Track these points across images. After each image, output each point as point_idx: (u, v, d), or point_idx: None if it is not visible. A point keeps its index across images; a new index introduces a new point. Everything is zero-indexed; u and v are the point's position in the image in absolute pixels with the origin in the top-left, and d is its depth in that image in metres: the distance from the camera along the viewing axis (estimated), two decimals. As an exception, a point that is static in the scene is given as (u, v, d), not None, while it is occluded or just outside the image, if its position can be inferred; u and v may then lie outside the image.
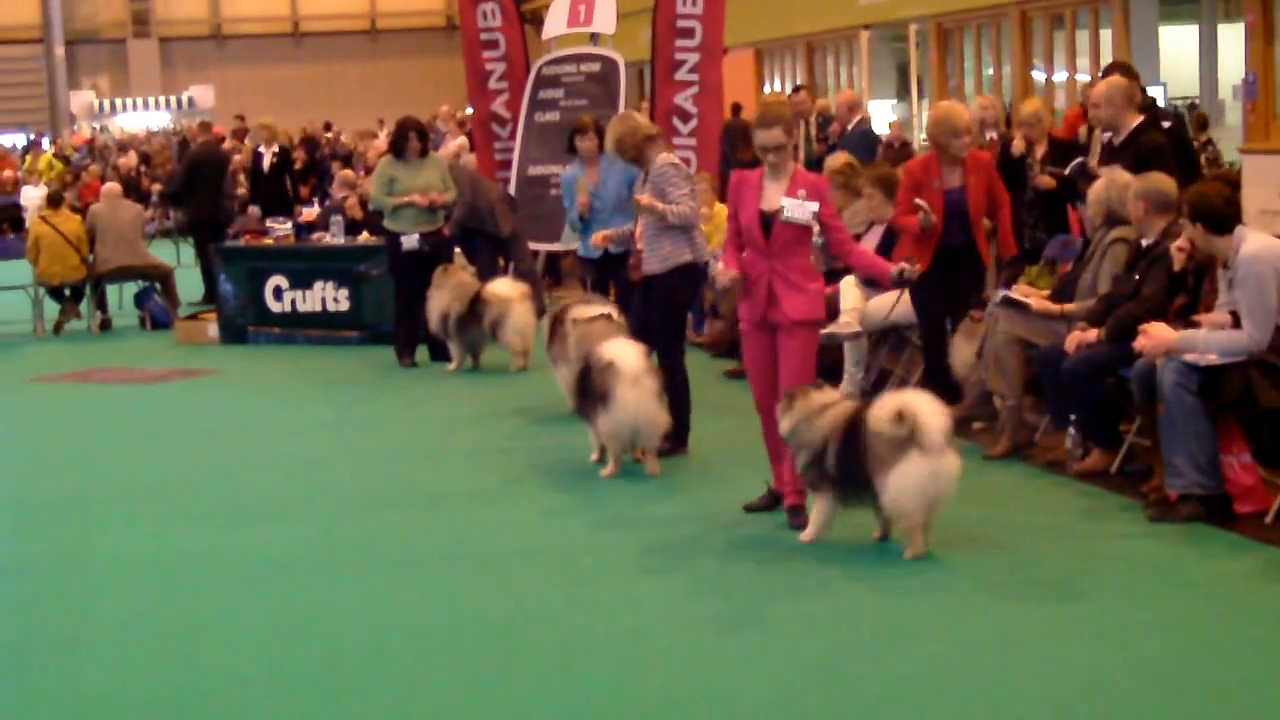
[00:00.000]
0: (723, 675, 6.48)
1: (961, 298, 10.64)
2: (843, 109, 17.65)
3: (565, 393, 10.91)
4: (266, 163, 21.07)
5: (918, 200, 10.48)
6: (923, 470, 7.74)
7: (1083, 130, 13.53)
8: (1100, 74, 14.25)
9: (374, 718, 6.21)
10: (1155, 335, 8.35)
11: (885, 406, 7.89)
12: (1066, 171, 12.00)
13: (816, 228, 8.62)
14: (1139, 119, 10.84)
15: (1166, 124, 11.47)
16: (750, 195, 8.71)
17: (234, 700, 6.45)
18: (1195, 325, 8.44)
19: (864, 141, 16.61)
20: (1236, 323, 8.20)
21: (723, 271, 8.76)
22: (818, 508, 8.30)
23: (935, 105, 11.48)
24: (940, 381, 10.34)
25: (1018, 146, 12.28)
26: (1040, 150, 12.74)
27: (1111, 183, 9.83)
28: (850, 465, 7.99)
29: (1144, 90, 13.29)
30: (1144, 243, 9.32)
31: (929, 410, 7.81)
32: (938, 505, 7.92)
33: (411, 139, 14.41)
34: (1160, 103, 15.82)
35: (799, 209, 8.55)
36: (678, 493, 9.44)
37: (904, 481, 7.75)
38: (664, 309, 10.28)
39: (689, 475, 9.83)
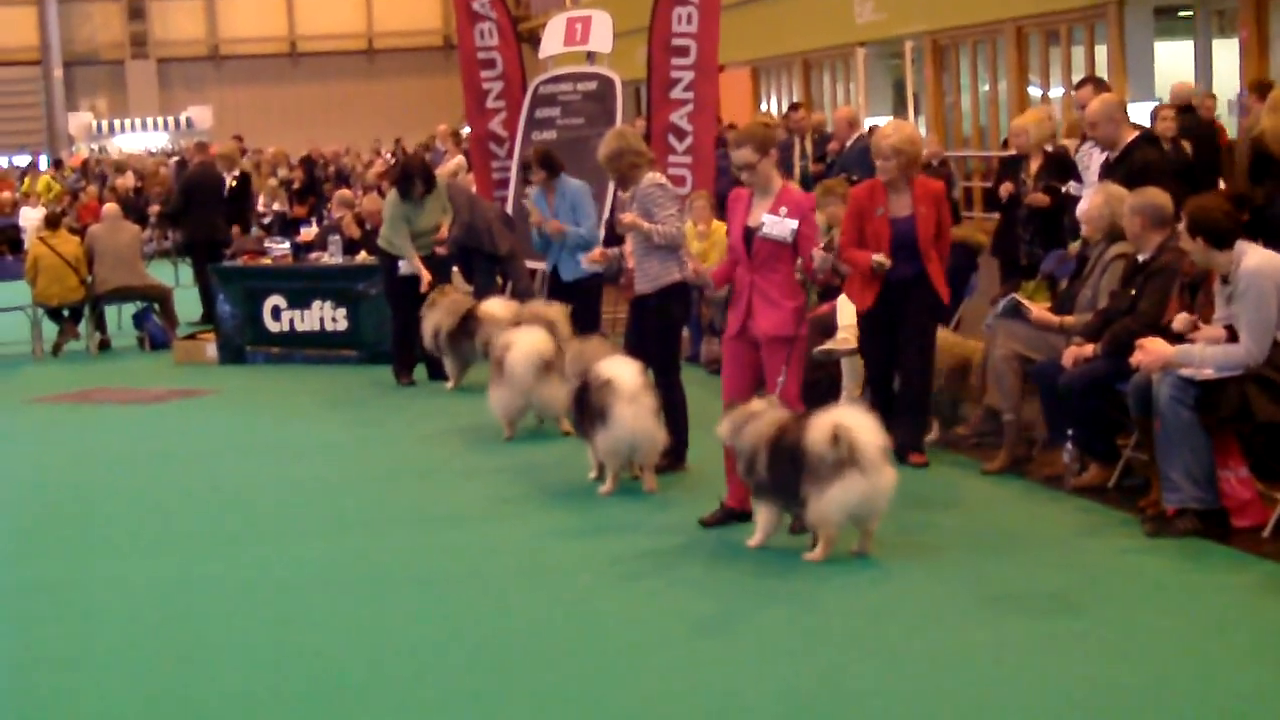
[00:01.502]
0: (723, 693, 6.48)
1: (910, 331, 10.15)
2: (842, 126, 17.67)
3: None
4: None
5: (876, 256, 9.92)
6: (859, 489, 7.97)
7: (1071, 144, 13.56)
8: (1073, 88, 14.28)
9: (373, 736, 6.22)
10: (1152, 350, 8.36)
11: (821, 427, 8.03)
12: (1064, 189, 12.06)
13: (828, 240, 8.97)
14: (1133, 134, 10.87)
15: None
16: (740, 211, 9.09)
17: (234, 718, 6.45)
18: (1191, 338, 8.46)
19: (863, 158, 16.61)
20: (1231, 337, 8.22)
21: (697, 269, 9.38)
22: (758, 514, 8.53)
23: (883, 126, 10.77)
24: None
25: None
26: (1035, 163, 12.78)
27: (1110, 197, 9.85)
28: (781, 475, 8.21)
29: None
30: (1140, 258, 9.34)
31: (864, 429, 8.01)
32: (873, 520, 8.18)
33: (417, 185, 14.51)
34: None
35: (778, 225, 8.88)
36: (676, 509, 9.45)
37: (837, 497, 7.98)
38: (657, 328, 10.32)
39: (687, 492, 9.84)
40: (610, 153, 10.37)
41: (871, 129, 17.34)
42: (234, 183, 21.19)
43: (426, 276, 14.33)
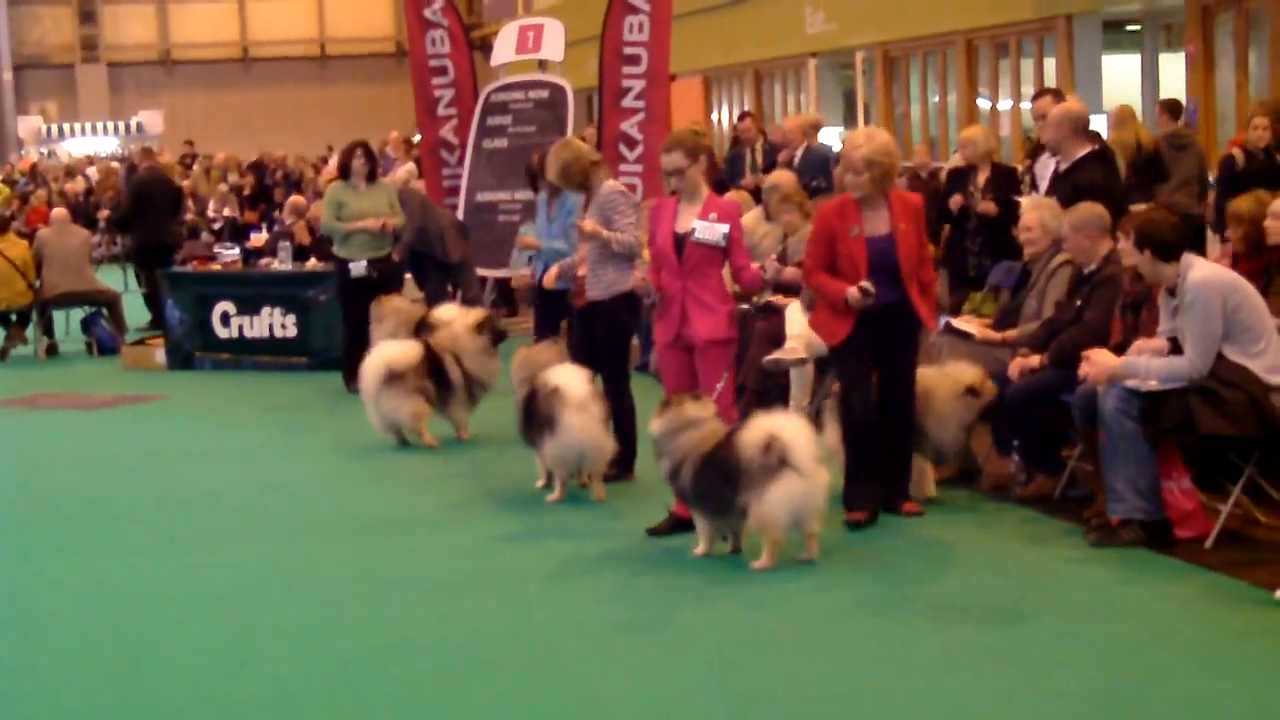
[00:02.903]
0: (671, 698, 6.50)
1: (894, 372, 9.18)
2: (795, 134, 17.74)
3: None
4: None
5: (864, 284, 8.85)
6: (795, 490, 8.04)
7: (1021, 165, 13.68)
8: (1032, 99, 14.43)
9: (320, 743, 6.22)
10: (1098, 362, 8.41)
11: (753, 435, 8.11)
12: (1018, 199, 12.14)
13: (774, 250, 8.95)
14: (1085, 149, 10.92)
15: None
16: (666, 219, 9.18)
17: (180, 726, 6.46)
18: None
19: (818, 164, 16.69)
20: (1174, 349, 8.28)
21: (645, 278, 9.20)
22: (697, 522, 8.58)
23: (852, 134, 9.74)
24: (869, 470, 9.15)
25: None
26: (983, 175, 12.87)
27: (1045, 212, 9.94)
28: (708, 486, 8.31)
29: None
30: (1085, 270, 9.40)
31: (796, 433, 8.12)
32: (812, 521, 8.22)
33: (357, 156, 14.44)
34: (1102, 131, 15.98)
35: (709, 230, 9.02)
36: (624, 518, 9.46)
37: (777, 498, 8.04)
38: (608, 336, 10.31)
39: (635, 501, 9.86)
40: (562, 166, 10.28)
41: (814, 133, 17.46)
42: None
43: (371, 225, 14.23)
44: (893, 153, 9.08)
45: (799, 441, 8.07)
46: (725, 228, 9.04)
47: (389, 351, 12.03)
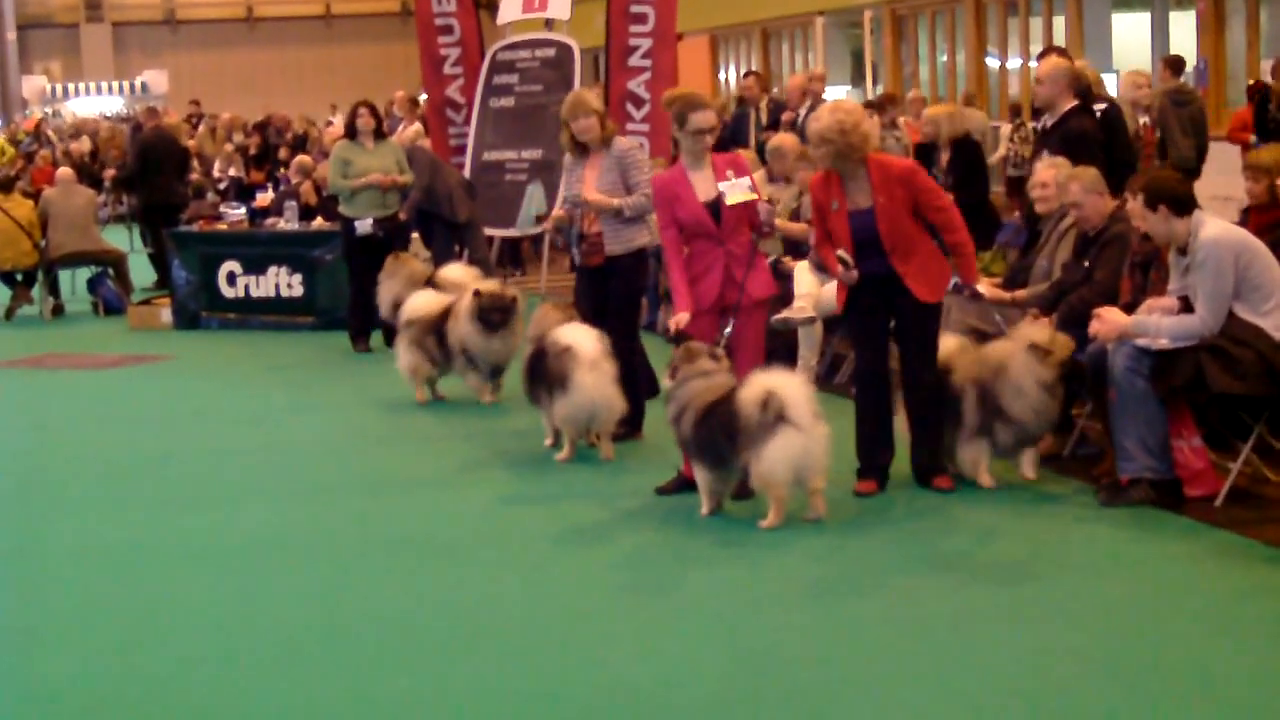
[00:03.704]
0: (677, 658, 6.50)
1: (906, 344, 8.93)
2: (795, 94, 17.68)
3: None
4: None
5: (839, 253, 8.77)
6: (795, 444, 8.01)
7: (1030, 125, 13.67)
8: (1036, 58, 14.41)
9: (331, 701, 6.20)
10: (1109, 320, 8.38)
11: (752, 392, 8.09)
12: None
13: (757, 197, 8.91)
14: (1072, 103, 10.89)
15: (1101, 106, 11.53)
16: (684, 192, 8.90)
17: (192, 684, 6.43)
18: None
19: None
20: (1184, 308, 8.25)
21: (677, 318, 8.81)
22: (697, 480, 8.55)
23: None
24: (880, 442, 9.02)
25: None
26: (945, 156, 12.89)
27: (1059, 169, 9.88)
28: (707, 437, 8.30)
29: (1099, 78, 13.48)
30: (1091, 230, 9.37)
31: (794, 389, 8.09)
32: (815, 477, 8.19)
33: (362, 114, 14.43)
34: (1111, 89, 15.95)
35: (736, 188, 8.91)
36: (633, 477, 9.45)
37: (776, 454, 8.01)
38: (626, 292, 10.25)
39: (644, 460, 9.84)
40: (600, 118, 10.16)
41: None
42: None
43: (376, 179, 14.21)
44: (849, 130, 8.59)
45: (796, 397, 8.05)
46: (747, 180, 8.99)
47: (420, 299, 12.06)
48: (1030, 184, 10.29)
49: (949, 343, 9.02)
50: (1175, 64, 16.75)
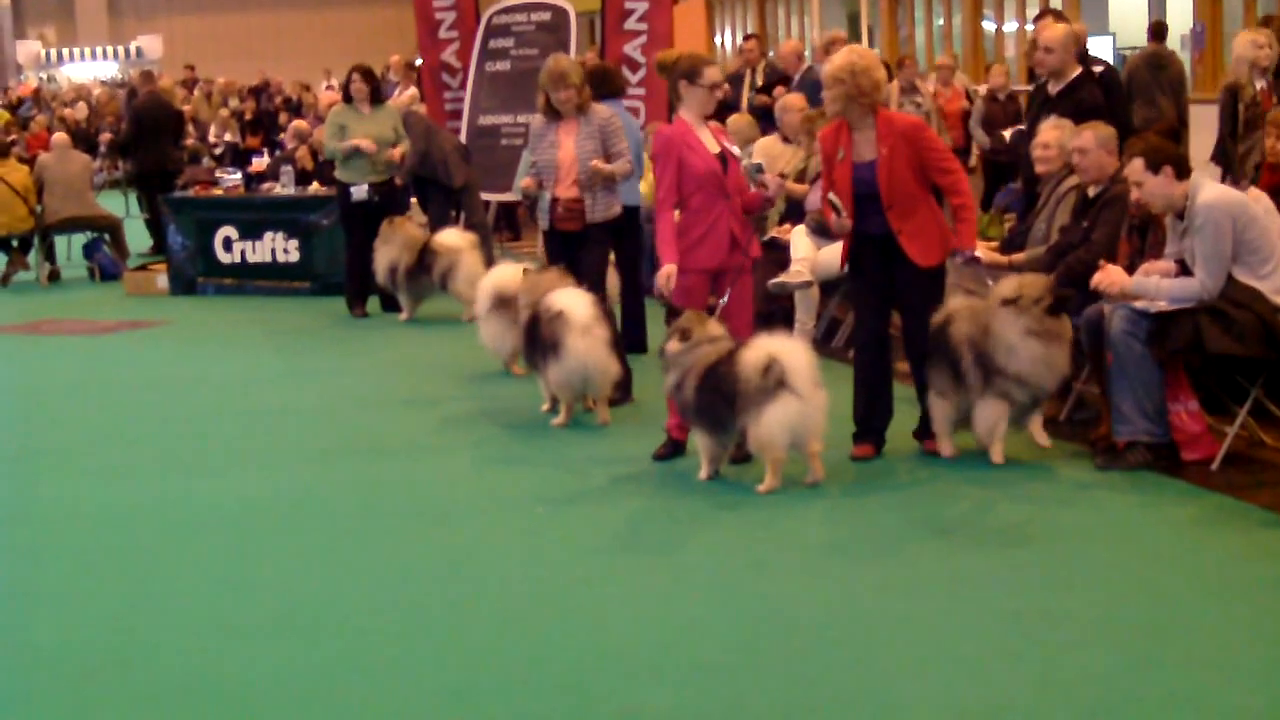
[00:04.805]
0: (675, 623, 6.51)
1: (907, 309, 8.87)
2: (790, 59, 17.62)
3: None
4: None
5: (830, 196, 8.67)
6: (792, 410, 8.03)
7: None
8: (1032, 21, 14.38)
9: (327, 666, 6.21)
10: (1112, 274, 8.38)
11: (753, 355, 8.11)
12: (1008, 137, 12.09)
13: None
14: (1077, 69, 10.84)
15: (1099, 69, 11.50)
16: (694, 143, 8.88)
17: (186, 650, 6.44)
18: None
19: (814, 89, 16.57)
20: (1183, 271, 8.24)
21: (666, 270, 8.75)
22: (698, 444, 8.56)
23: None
24: (879, 414, 9.02)
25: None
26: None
27: (1065, 130, 9.84)
28: (708, 403, 8.30)
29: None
30: (1090, 191, 9.36)
31: (795, 355, 8.11)
32: (813, 441, 8.20)
33: (355, 80, 14.43)
34: (1109, 53, 15.97)
35: (738, 152, 9.15)
36: (629, 441, 9.45)
37: (774, 419, 8.04)
38: (599, 257, 10.43)
39: (641, 424, 9.84)
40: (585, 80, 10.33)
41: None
42: None
43: (361, 144, 14.22)
44: (860, 72, 8.45)
45: (798, 363, 8.06)
46: (735, 148, 9.11)
47: (500, 275, 11.52)
48: (1032, 144, 10.24)
49: (953, 303, 8.95)
50: (1158, 29, 17.00)
